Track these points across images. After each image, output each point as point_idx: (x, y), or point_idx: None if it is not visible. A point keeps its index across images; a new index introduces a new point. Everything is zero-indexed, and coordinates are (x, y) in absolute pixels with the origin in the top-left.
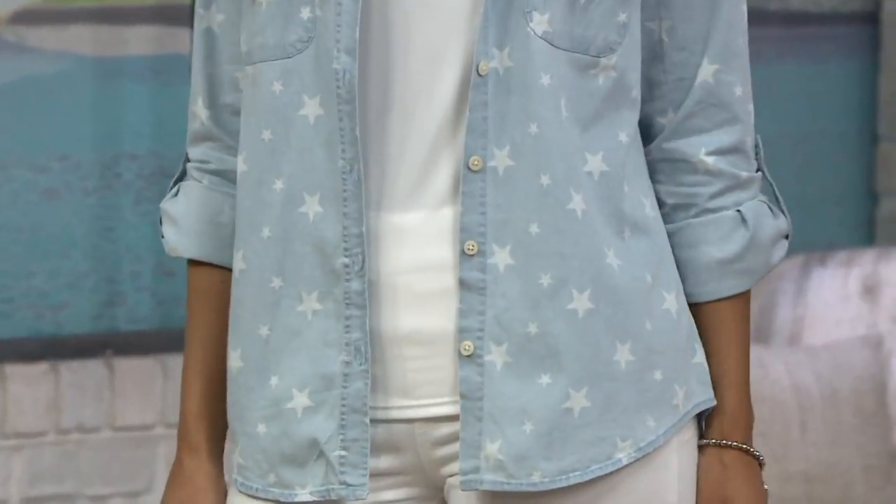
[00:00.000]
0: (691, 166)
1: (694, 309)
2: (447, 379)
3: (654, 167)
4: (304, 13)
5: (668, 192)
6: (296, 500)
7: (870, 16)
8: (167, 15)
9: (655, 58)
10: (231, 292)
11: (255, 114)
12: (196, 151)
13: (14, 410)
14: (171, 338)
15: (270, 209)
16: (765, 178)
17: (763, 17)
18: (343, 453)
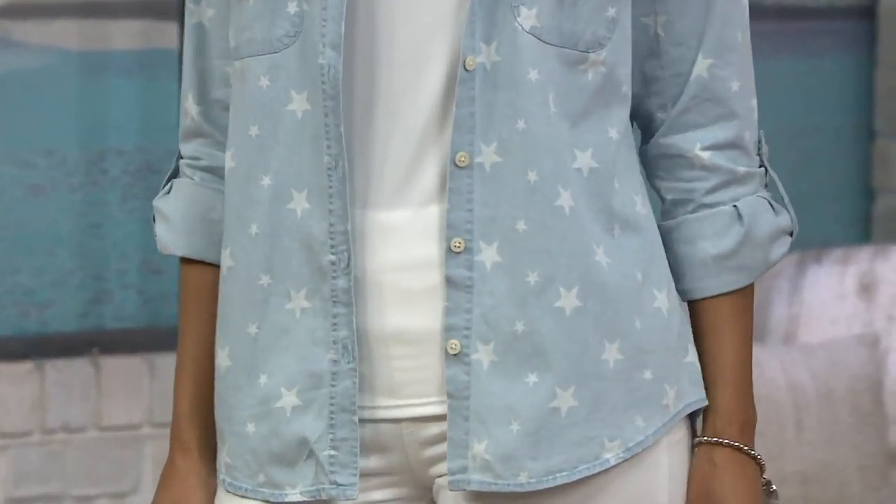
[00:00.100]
0: (687, 161)
1: (691, 306)
2: (434, 378)
3: (654, 163)
4: (291, 8)
5: (667, 188)
6: (286, 501)
7: (866, 10)
8: (154, 9)
9: (652, 53)
10: (219, 290)
11: (243, 109)
12: (187, 148)
13: None
14: (159, 336)
15: (258, 206)
16: (768, 174)
17: (758, 12)
18: (333, 453)
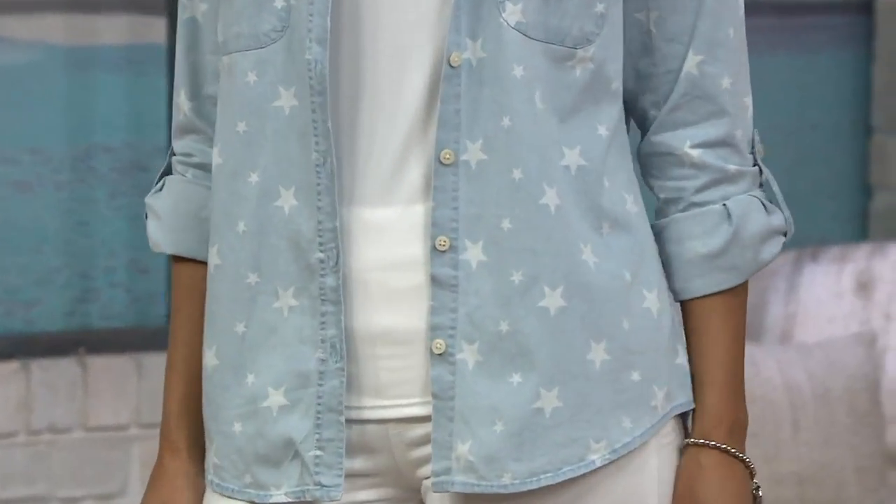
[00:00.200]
0: (677, 159)
1: (682, 306)
2: (420, 378)
3: (647, 161)
4: (278, 2)
5: (659, 187)
6: (271, 501)
7: (864, 5)
8: (142, 4)
9: (645, 50)
10: (207, 288)
11: (231, 105)
12: (180, 144)
13: None
14: (146, 335)
15: (246, 203)
16: (761, 174)
17: (754, 7)
18: (318, 453)
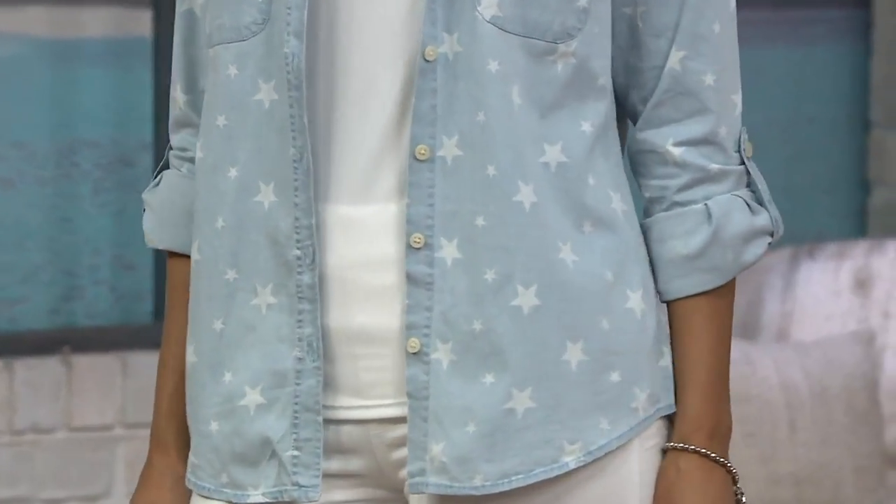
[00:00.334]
0: (660, 157)
1: (668, 307)
2: (398, 379)
3: (634, 159)
4: None
5: (645, 185)
6: (248, 502)
7: None
8: None
9: (633, 45)
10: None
11: (213, 98)
12: (176, 139)
13: None
14: (132, 334)
15: (224, 198)
16: (748, 173)
17: (751, 0)
18: (296, 453)
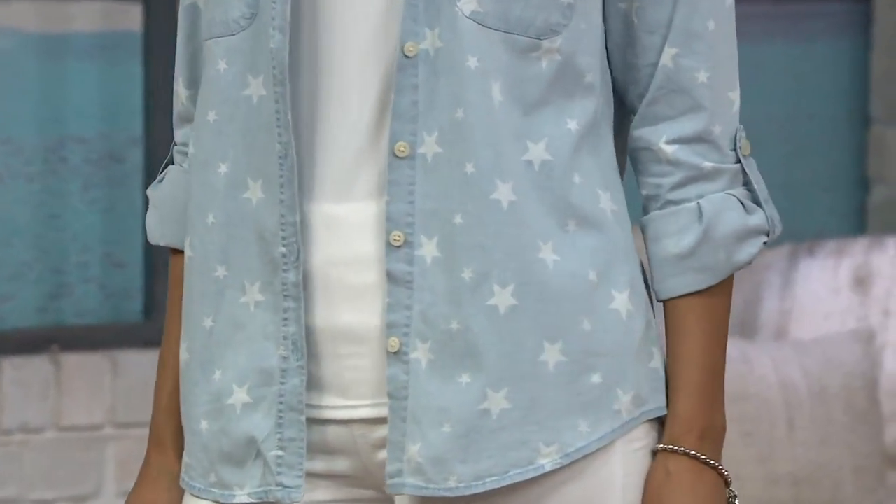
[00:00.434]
0: (654, 155)
1: (663, 306)
2: (380, 378)
3: (632, 156)
4: None
5: (642, 183)
6: (234, 502)
7: None
8: None
9: (629, 41)
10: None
11: (205, 93)
12: (179, 134)
13: None
14: (121, 332)
15: (215, 194)
16: (744, 172)
17: None
18: (280, 453)
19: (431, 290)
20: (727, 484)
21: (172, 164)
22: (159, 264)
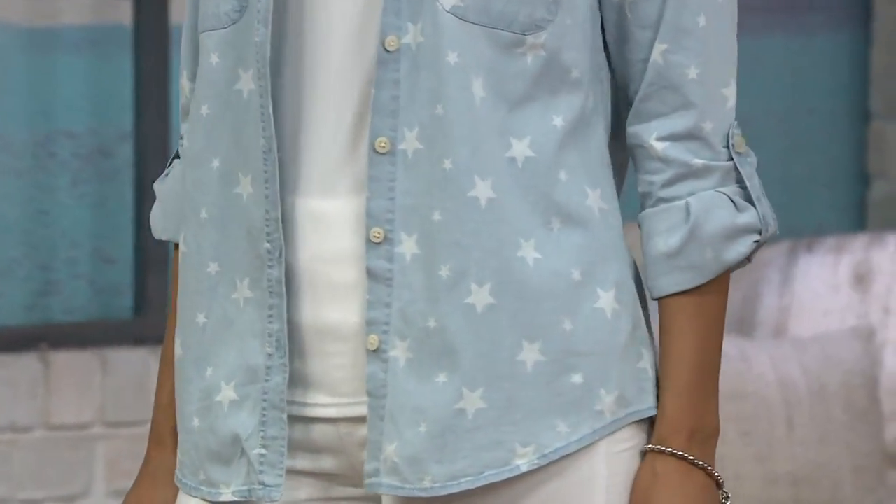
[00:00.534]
0: (646, 152)
1: (658, 305)
2: (362, 376)
3: (630, 153)
4: None
5: (638, 180)
6: (220, 500)
7: None
8: None
9: (623, 37)
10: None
11: (199, 87)
12: (184, 127)
13: None
14: (111, 329)
15: (208, 189)
16: (736, 169)
17: None
18: (263, 451)
19: (410, 287)
20: (719, 485)
21: (178, 158)
22: (150, 260)
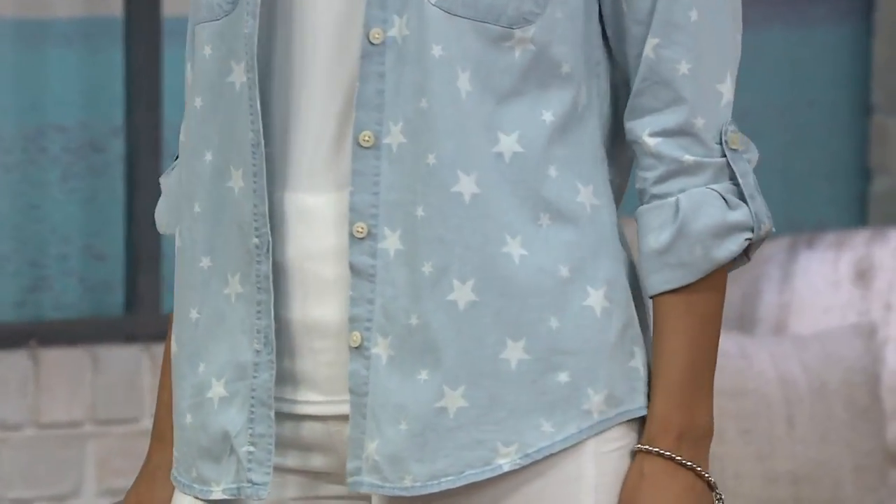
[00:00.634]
0: (640, 148)
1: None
2: (346, 374)
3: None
4: None
5: (636, 176)
6: (211, 498)
7: None
8: None
9: (620, 31)
10: None
11: (194, 79)
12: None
13: None
14: (102, 326)
15: (201, 182)
16: (730, 166)
17: None
18: (251, 449)
19: (393, 283)
20: (711, 487)
21: None
22: (141, 257)
